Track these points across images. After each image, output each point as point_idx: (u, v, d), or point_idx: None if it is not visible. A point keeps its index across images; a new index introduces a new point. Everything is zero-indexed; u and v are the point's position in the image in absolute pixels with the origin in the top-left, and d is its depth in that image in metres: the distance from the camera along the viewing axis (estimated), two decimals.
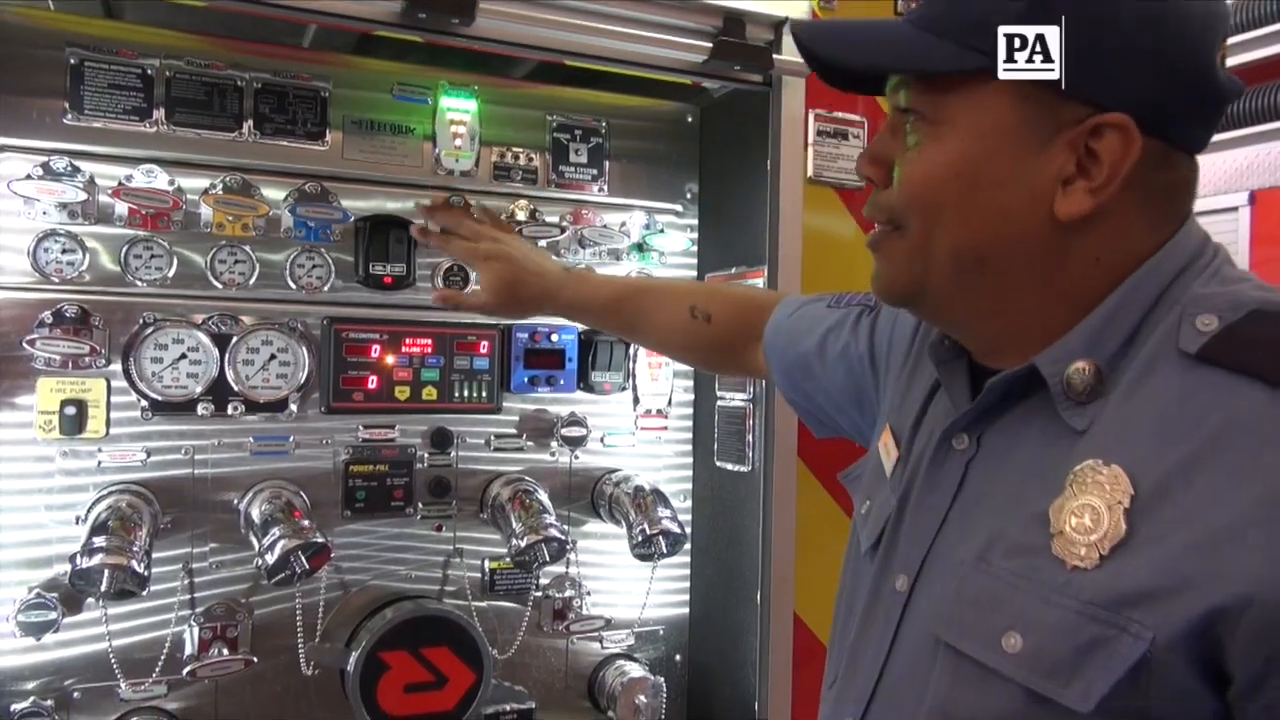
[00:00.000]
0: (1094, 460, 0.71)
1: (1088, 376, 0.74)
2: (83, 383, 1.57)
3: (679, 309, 1.42)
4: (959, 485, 0.84)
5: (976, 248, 0.78)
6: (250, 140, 1.68)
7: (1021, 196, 0.76)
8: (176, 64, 1.63)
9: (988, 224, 0.77)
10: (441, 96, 1.80)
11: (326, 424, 1.75)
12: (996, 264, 0.78)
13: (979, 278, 0.80)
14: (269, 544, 1.54)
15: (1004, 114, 0.75)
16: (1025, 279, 0.78)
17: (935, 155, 0.78)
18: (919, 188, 0.79)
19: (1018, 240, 0.77)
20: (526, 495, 1.80)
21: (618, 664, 1.96)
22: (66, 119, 1.56)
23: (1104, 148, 0.73)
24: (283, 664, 1.70)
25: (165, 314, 1.62)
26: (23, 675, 1.55)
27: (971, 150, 0.76)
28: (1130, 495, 0.68)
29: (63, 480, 1.57)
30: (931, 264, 0.80)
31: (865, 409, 1.16)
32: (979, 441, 0.84)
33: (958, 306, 0.83)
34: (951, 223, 0.78)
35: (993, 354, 0.84)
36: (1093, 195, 0.74)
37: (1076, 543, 0.70)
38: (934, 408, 0.94)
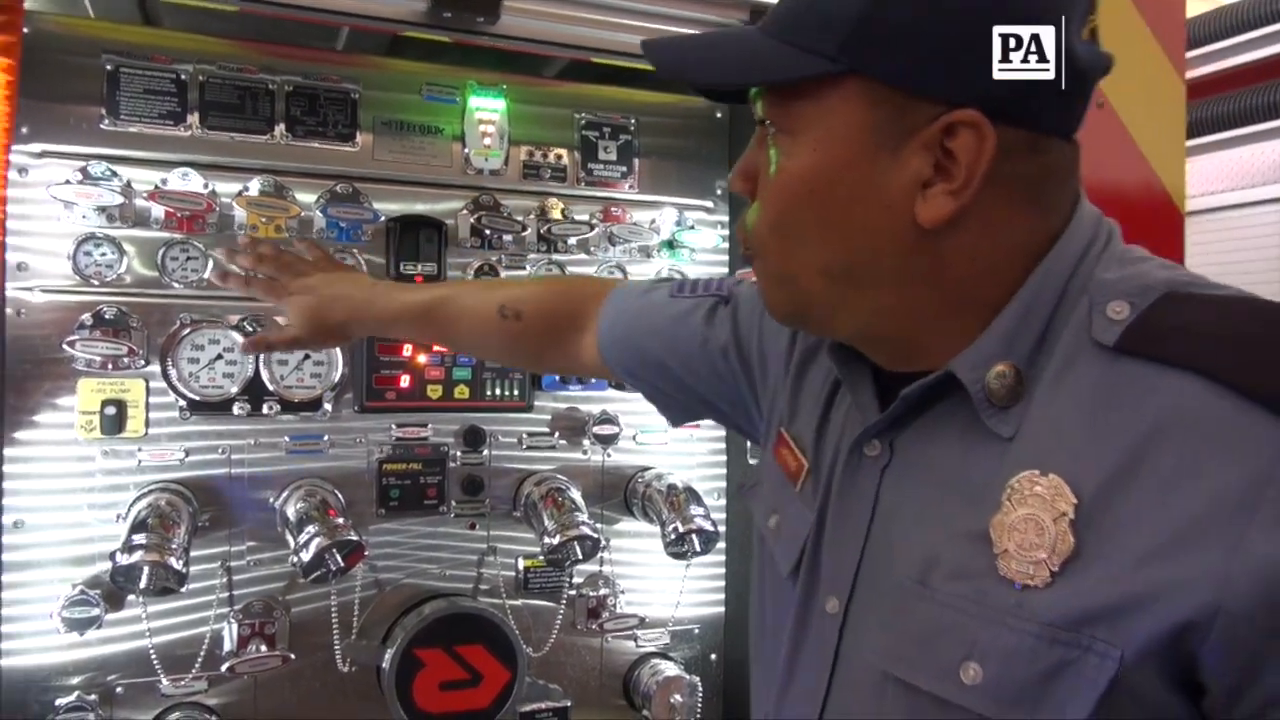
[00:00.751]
0: (1030, 471, 0.67)
1: (1009, 379, 0.70)
2: (122, 383, 1.60)
3: (488, 310, 1.32)
4: (876, 495, 0.80)
5: (844, 263, 0.74)
6: (282, 142, 1.70)
7: (880, 205, 0.71)
8: (209, 69, 1.65)
9: (850, 237, 0.73)
10: (470, 96, 1.81)
11: (360, 423, 1.76)
12: (869, 277, 0.74)
13: (854, 292, 0.75)
14: (304, 542, 1.56)
15: (853, 120, 0.70)
16: (903, 287, 0.74)
17: (789, 169, 0.74)
18: (775, 207, 0.76)
19: (884, 251, 0.73)
20: (559, 493, 1.80)
21: (652, 663, 1.95)
22: (104, 124, 1.59)
23: (959, 146, 0.68)
24: (320, 661, 1.72)
25: (201, 315, 1.65)
26: (67, 670, 1.58)
27: (824, 161, 0.72)
28: (1073, 505, 0.65)
29: (104, 479, 1.60)
30: (803, 285, 0.77)
31: (738, 405, 1.10)
32: (891, 447, 0.79)
33: (844, 322, 0.78)
34: (814, 240, 0.74)
35: (897, 361, 0.80)
36: (954, 197, 0.69)
37: (1023, 560, 0.66)
38: (835, 413, 0.89)
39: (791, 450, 0.92)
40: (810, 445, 0.90)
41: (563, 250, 1.89)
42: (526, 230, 1.83)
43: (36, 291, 1.56)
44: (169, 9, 1.77)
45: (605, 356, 1.22)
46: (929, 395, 0.75)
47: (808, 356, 0.95)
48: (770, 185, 0.76)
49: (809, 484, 0.88)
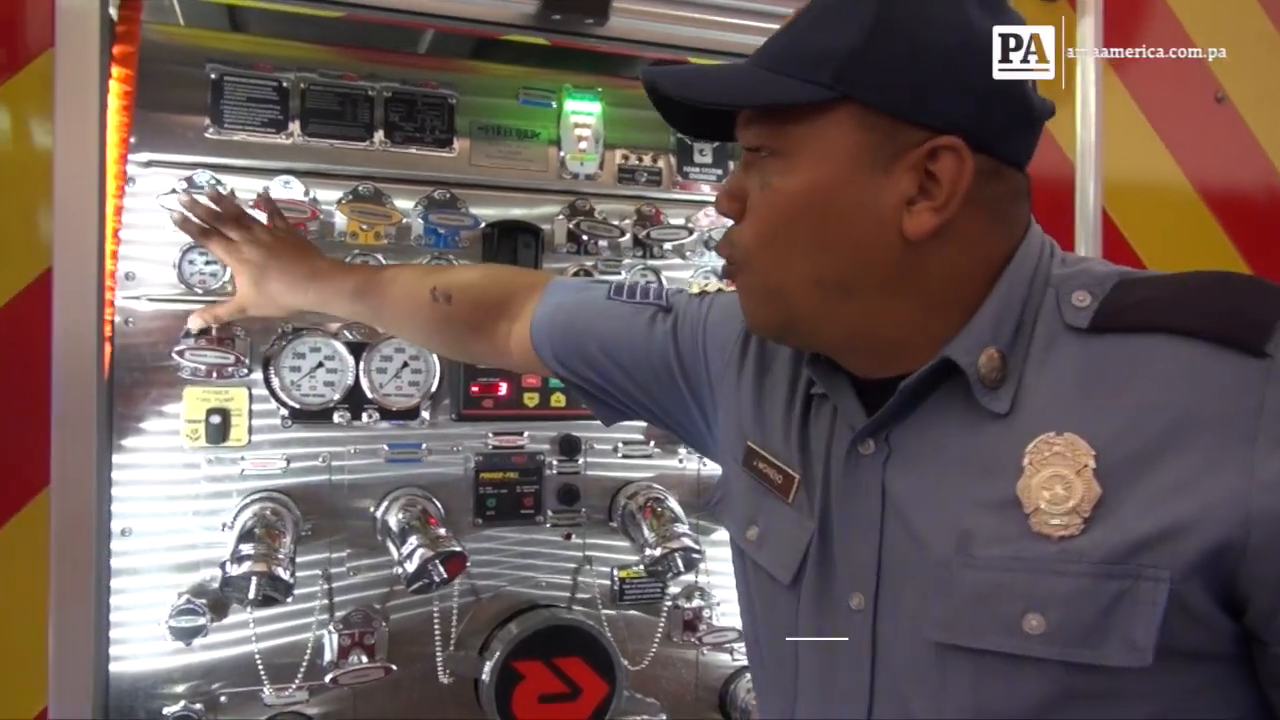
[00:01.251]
0: (1045, 434, 0.74)
1: (996, 362, 0.78)
2: (226, 392, 1.60)
3: (419, 292, 1.36)
4: (882, 489, 0.84)
5: (837, 275, 0.81)
6: (381, 149, 1.69)
7: (871, 220, 0.79)
8: (310, 76, 1.65)
9: (844, 250, 0.81)
10: (566, 100, 1.79)
11: (457, 431, 1.74)
12: (860, 286, 0.82)
13: (845, 302, 0.82)
14: (408, 553, 1.54)
15: (848, 142, 0.78)
16: (889, 295, 0.82)
17: (783, 187, 0.81)
18: (767, 223, 0.82)
19: (875, 261, 0.81)
20: (657, 503, 1.77)
21: (748, 676, 1.91)
22: (208, 133, 1.59)
23: (941, 169, 0.77)
24: (418, 671, 1.70)
25: (302, 323, 1.64)
26: (173, 678, 1.58)
27: (820, 179, 0.79)
28: (1093, 455, 0.72)
29: (208, 487, 1.61)
30: (794, 297, 0.83)
31: (677, 411, 1.16)
32: (888, 442, 0.85)
33: (830, 332, 0.85)
34: (805, 253, 0.81)
35: (876, 366, 0.86)
36: (937, 213, 0.78)
37: (1054, 514, 0.72)
38: (815, 424, 0.94)
39: (770, 463, 0.96)
40: (795, 457, 0.94)
41: (658, 255, 1.86)
42: (624, 235, 1.79)
43: (144, 300, 1.57)
44: (257, 15, 1.78)
45: (538, 348, 1.26)
46: (922, 387, 0.82)
47: (762, 370, 1.01)
48: (762, 203, 0.83)
49: (802, 495, 0.92)
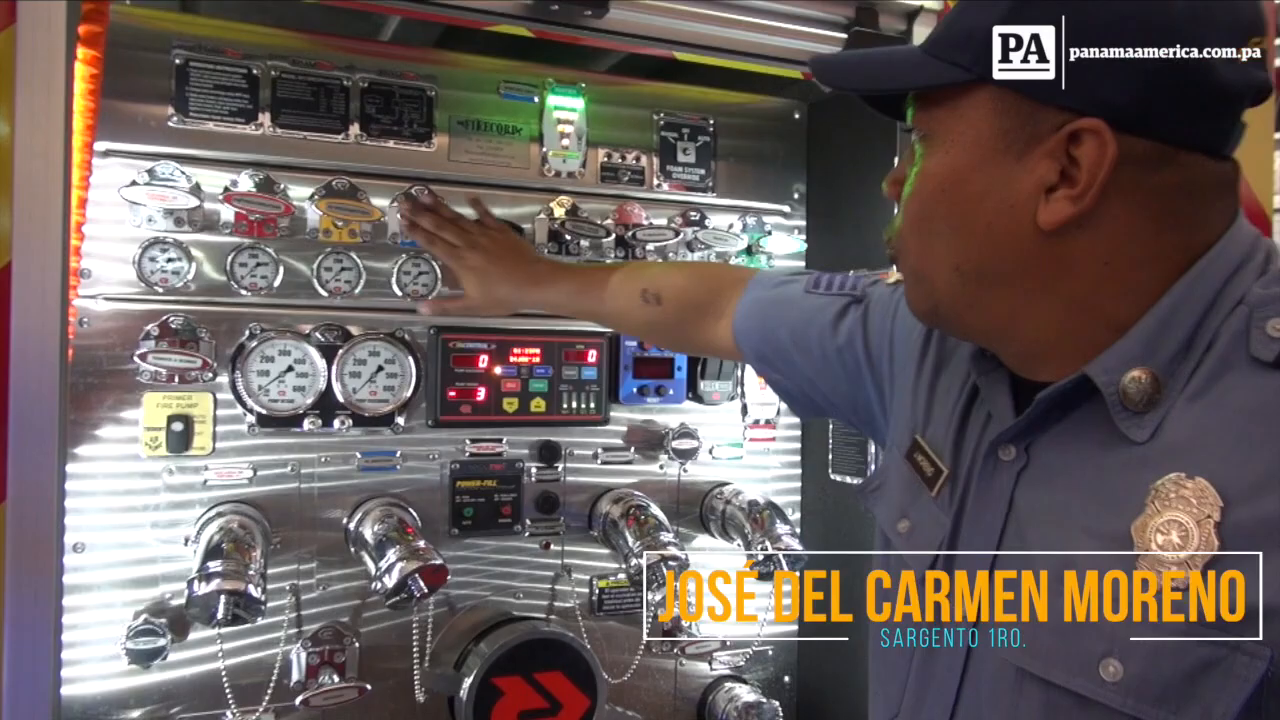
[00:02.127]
0: (1176, 474, 0.68)
1: (1144, 385, 0.71)
2: (189, 397, 1.51)
3: (632, 294, 1.39)
4: (1010, 499, 0.81)
5: (973, 262, 0.78)
6: (355, 142, 1.61)
7: (1004, 206, 0.75)
8: (282, 64, 1.56)
9: (977, 237, 0.77)
10: (548, 95, 1.73)
11: (433, 437, 1.67)
12: (995, 276, 0.78)
13: (984, 291, 0.79)
14: (386, 567, 1.47)
15: (983, 125, 0.75)
16: (1031, 289, 0.77)
17: (926, 170, 0.80)
18: (914, 206, 0.81)
19: (1010, 251, 0.76)
20: (640, 511, 1.72)
21: (727, 686, 1.87)
22: (171, 122, 1.50)
23: (1082, 153, 0.71)
24: (389, 688, 1.63)
25: (272, 324, 1.56)
26: (128, 703, 1.49)
27: (955, 163, 0.77)
28: (1220, 508, 0.65)
29: (169, 498, 1.51)
30: (937, 282, 0.81)
31: (860, 405, 1.13)
32: (1028, 451, 0.81)
33: (976, 322, 0.82)
34: (944, 237, 0.79)
35: (1027, 366, 0.82)
36: (1073, 202, 0.72)
37: (1165, 561, 0.67)
38: (973, 422, 0.90)
39: (928, 456, 0.93)
40: (948, 452, 0.91)
41: (641, 255, 1.81)
42: (608, 235, 1.74)
43: (99, 300, 1.47)
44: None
45: (740, 344, 1.26)
46: (1066, 400, 0.77)
47: (940, 364, 0.97)
48: (911, 188, 0.81)
49: (946, 490, 0.89)
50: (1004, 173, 0.75)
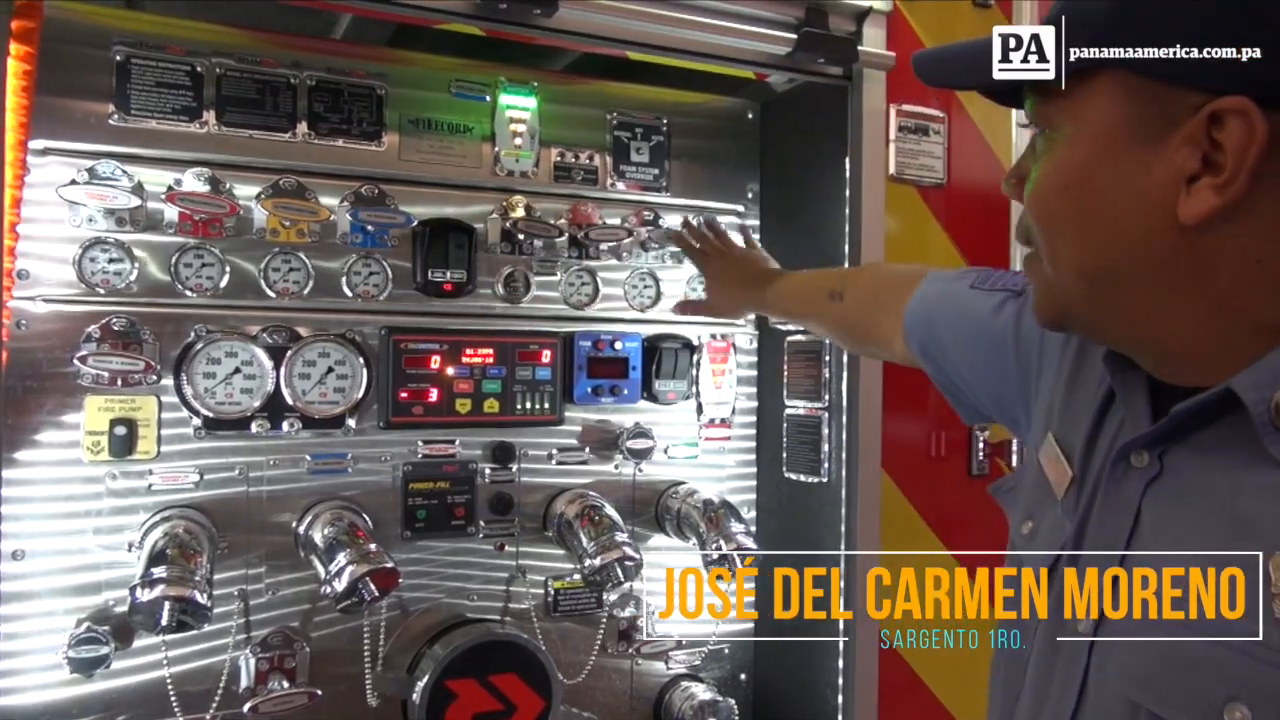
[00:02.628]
0: None
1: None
2: (133, 400, 1.48)
3: (821, 294, 1.45)
4: (1138, 510, 0.74)
5: (1101, 262, 0.72)
6: (304, 141, 1.59)
7: (1136, 201, 0.68)
8: (227, 61, 1.54)
9: (1105, 236, 0.70)
10: (501, 94, 1.72)
11: (385, 439, 1.66)
12: (1129, 278, 0.71)
13: (1115, 294, 0.72)
14: (336, 570, 1.45)
15: (1110, 113, 0.69)
16: (1169, 291, 0.70)
17: (1047, 166, 0.74)
18: (1036, 203, 0.75)
19: (1142, 250, 0.69)
20: (594, 511, 1.72)
21: (684, 685, 1.88)
22: (112, 120, 1.47)
23: (1225, 137, 0.64)
24: (341, 693, 1.61)
25: (217, 326, 1.53)
26: (70, 712, 1.46)
27: (1080, 156, 0.71)
28: None
29: (112, 503, 1.48)
30: (1065, 286, 0.75)
31: (1004, 401, 1.07)
32: (1161, 460, 0.74)
33: (1108, 326, 0.76)
34: (1070, 238, 0.73)
35: (1167, 370, 0.75)
36: (1218, 192, 0.64)
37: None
38: (1108, 424, 0.84)
39: (1058, 457, 0.88)
40: (1079, 455, 0.85)
41: (594, 256, 1.80)
42: (561, 235, 1.74)
43: (38, 301, 1.44)
44: None
45: (909, 341, 1.22)
46: (1205, 413, 0.70)
47: (1080, 362, 0.92)
48: (1036, 179, 0.75)
49: (1072, 494, 0.84)
50: (1135, 164, 0.68)
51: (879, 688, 1.69)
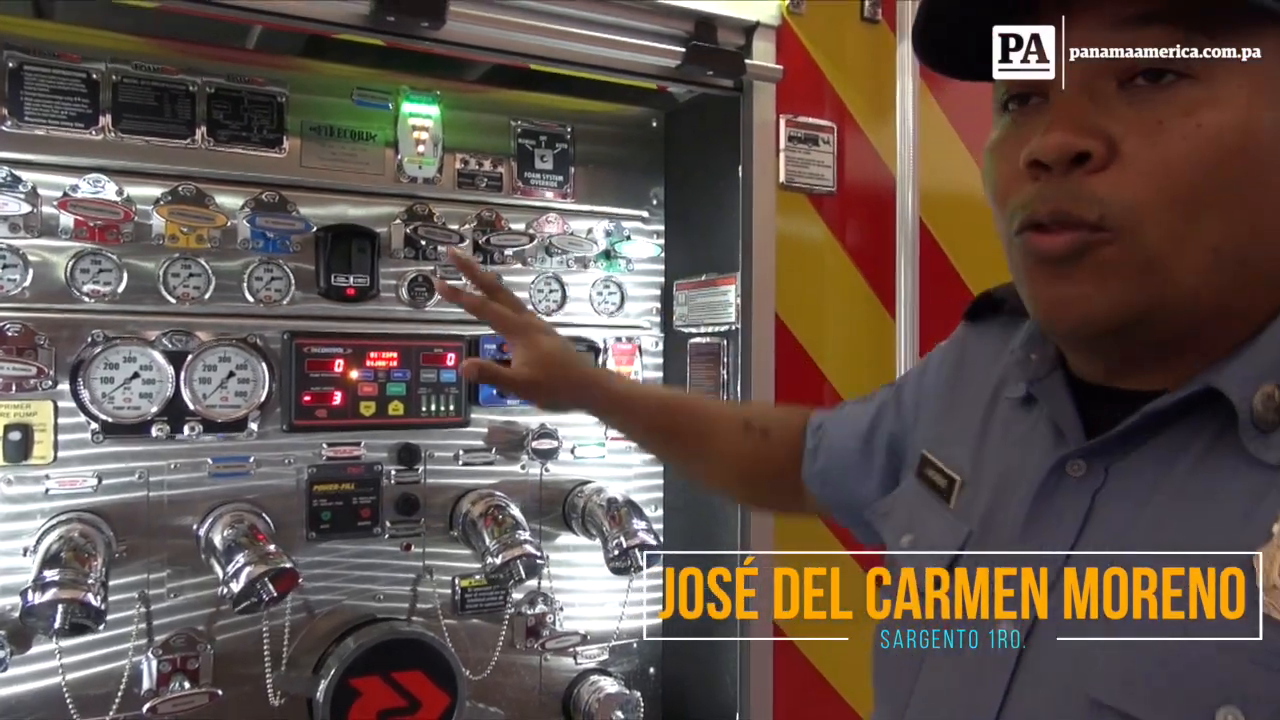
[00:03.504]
0: None
1: (1276, 401, 0.61)
2: (28, 405, 1.48)
3: (734, 423, 1.21)
4: (1084, 521, 0.69)
5: (1246, 242, 0.62)
6: (203, 148, 1.60)
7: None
8: (123, 68, 1.55)
9: (1265, 213, 0.62)
10: (403, 102, 1.75)
11: (288, 442, 1.68)
12: (1259, 263, 0.63)
13: (1237, 279, 0.63)
14: (234, 571, 1.47)
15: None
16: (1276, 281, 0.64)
17: (1212, 122, 0.60)
18: (1185, 172, 0.60)
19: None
20: (499, 511, 1.75)
21: (592, 679, 1.92)
22: (5, 126, 1.47)
23: None
24: (247, 694, 1.63)
25: (115, 331, 1.54)
26: None
27: (1256, 116, 0.60)
28: None
29: (7, 508, 1.48)
30: (1181, 271, 0.62)
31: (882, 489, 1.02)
32: (1107, 472, 0.69)
33: (1179, 324, 0.65)
34: (1224, 210, 0.61)
35: (1124, 372, 0.70)
36: None
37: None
38: (1004, 428, 0.81)
39: (939, 470, 0.86)
40: (966, 458, 0.84)
41: (500, 261, 1.84)
42: (464, 241, 1.77)
43: None
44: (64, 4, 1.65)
45: (807, 483, 1.11)
46: (1173, 413, 0.65)
47: (957, 382, 0.92)
48: (1181, 139, 0.61)
49: (962, 498, 0.82)
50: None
51: (774, 682, 1.75)
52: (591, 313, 1.95)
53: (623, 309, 1.98)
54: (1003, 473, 0.78)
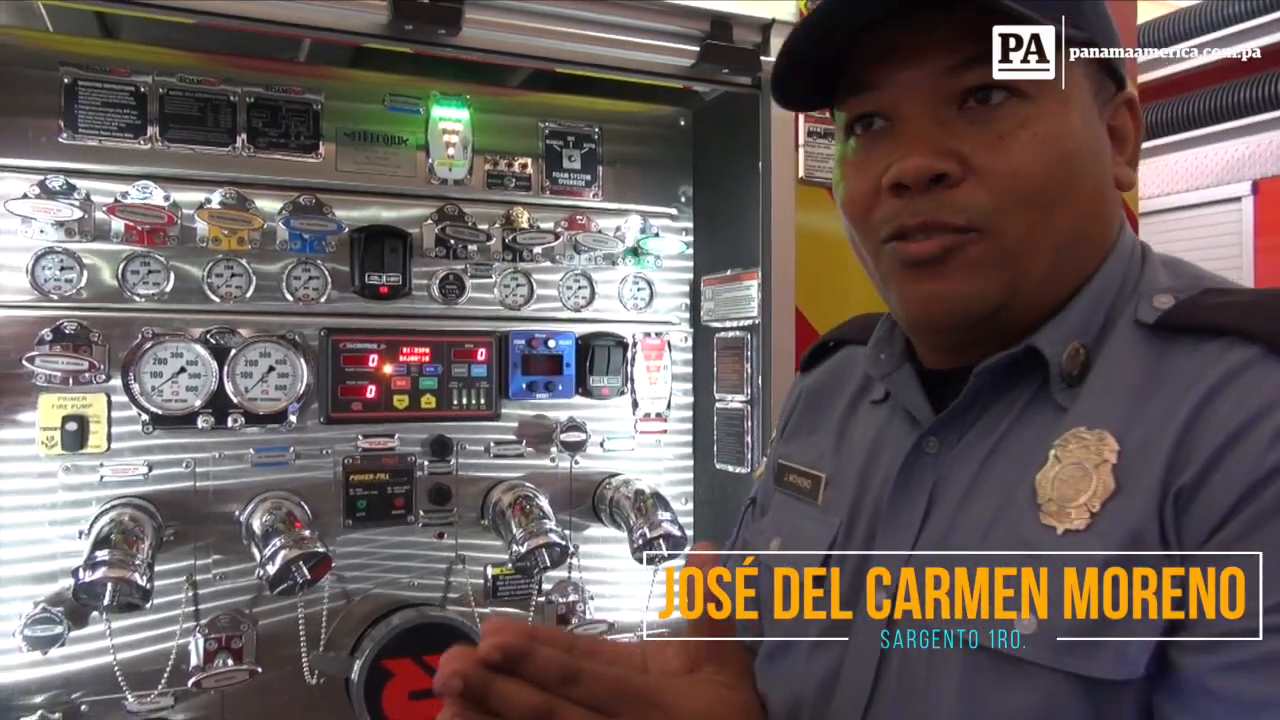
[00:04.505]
0: (1079, 428, 0.69)
1: (1080, 357, 0.72)
2: (84, 398, 1.59)
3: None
4: (933, 486, 0.78)
5: (1078, 232, 0.73)
6: (244, 154, 1.69)
7: (1104, 170, 0.74)
8: (169, 80, 1.64)
9: (1090, 203, 0.73)
10: (434, 106, 1.81)
11: (326, 434, 1.76)
12: (1082, 248, 0.73)
13: (1068, 265, 0.73)
14: (270, 555, 1.55)
15: (1085, 86, 0.73)
16: (1090, 259, 0.74)
17: (1045, 132, 0.70)
18: (1035, 172, 0.70)
19: (1101, 217, 0.74)
20: (527, 501, 1.81)
21: None
22: (62, 138, 1.58)
23: (1124, 123, 0.75)
24: (287, 674, 1.71)
25: (164, 329, 1.64)
26: (29, 689, 1.56)
27: (1075, 124, 0.71)
28: (1116, 452, 0.67)
29: (65, 495, 1.59)
30: (1032, 263, 0.72)
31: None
32: (950, 442, 0.78)
33: (1027, 305, 0.74)
34: (1064, 207, 0.71)
35: (968, 354, 0.78)
36: (1130, 166, 0.75)
37: (1065, 507, 0.67)
38: (860, 427, 0.88)
39: (801, 473, 0.92)
40: (828, 456, 0.89)
41: (528, 259, 1.90)
42: (492, 240, 1.83)
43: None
44: (129, 22, 1.76)
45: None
46: (1002, 378, 0.74)
47: (807, 408, 0.96)
48: (1021, 150, 0.70)
49: (832, 493, 0.87)
50: (1100, 135, 0.73)
51: None
52: (621, 308, 1.99)
53: (652, 304, 2.02)
54: (864, 465, 0.84)
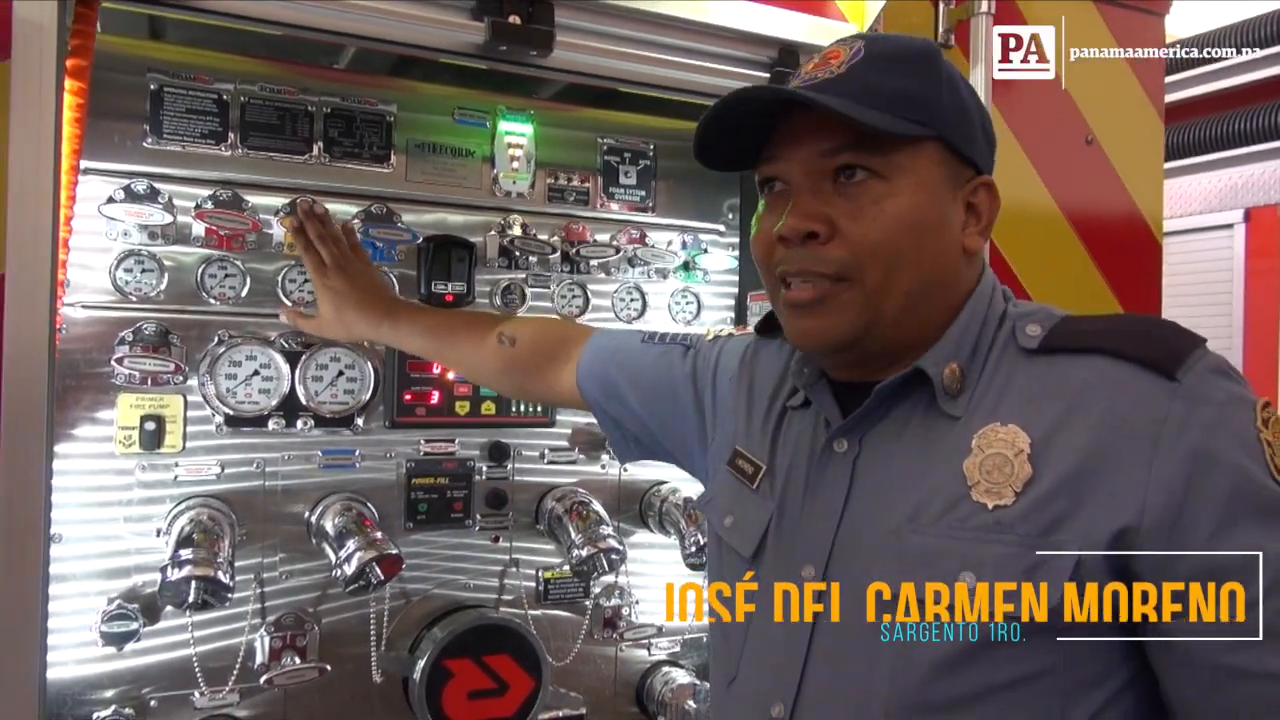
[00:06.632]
0: (993, 424, 0.89)
1: (956, 374, 0.93)
2: (161, 399, 1.62)
3: (488, 335, 1.50)
4: (850, 482, 0.97)
5: (925, 283, 0.94)
6: (319, 163, 1.73)
7: (950, 237, 0.95)
8: (250, 89, 1.68)
9: (934, 262, 0.94)
10: (500, 120, 1.87)
11: (390, 438, 1.80)
12: (934, 295, 0.95)
13: (921, 307, 0.95)
14: (346, 556, 1.59)
15: (935, 172, 0.93)
16: (946, 304, 0.96)
17: (894, 206, 0.91)
18: (883, 237, 0.91)
19: (948, 272, 0.96)
20: (583, 507, 1.86)
21: (664, 670, 2.02)
22: (146, 142, 1.61)
23: (981, 201, 0.97)
24: (348, 671, 1.75)
25: (239, 332, 1.67)
26: (102, 684, 1.59)
27: (920, 201, 0.92)
28: (1029, 443, 0.86)
29: (141, 493, 1.62)
30: (886, 305, 0.93)
31: (681, 436, 1.29)
32: (860, 443, 0.98)
33: (891, 335, 0.95)
34: (909, 264, 0.92)
35: (870, 369, 0.99)
36: (982, 236, 0.98)
37: (993, 486, 0.86)
38: (787, 429, 1.08)
39: (747, 459, 1.11)
40: (765, 451, 1.09)
41: (585, 271, 1.95)
42: (555, 252, 1.88)
43: (78, 308, 1.58)
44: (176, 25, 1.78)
45: (582, 387, 1.40)
46: (896, 393, 0.96)
47: (751, 388, 1.17)
48: (873, 220, 0.92)
49: (766, 483, 1.07)
50: (948, 210, 0.94)
51: None
52: (670, 321, 2.05)
53: (699, 318, 2.08)
54: (790, 462, 1.05)
